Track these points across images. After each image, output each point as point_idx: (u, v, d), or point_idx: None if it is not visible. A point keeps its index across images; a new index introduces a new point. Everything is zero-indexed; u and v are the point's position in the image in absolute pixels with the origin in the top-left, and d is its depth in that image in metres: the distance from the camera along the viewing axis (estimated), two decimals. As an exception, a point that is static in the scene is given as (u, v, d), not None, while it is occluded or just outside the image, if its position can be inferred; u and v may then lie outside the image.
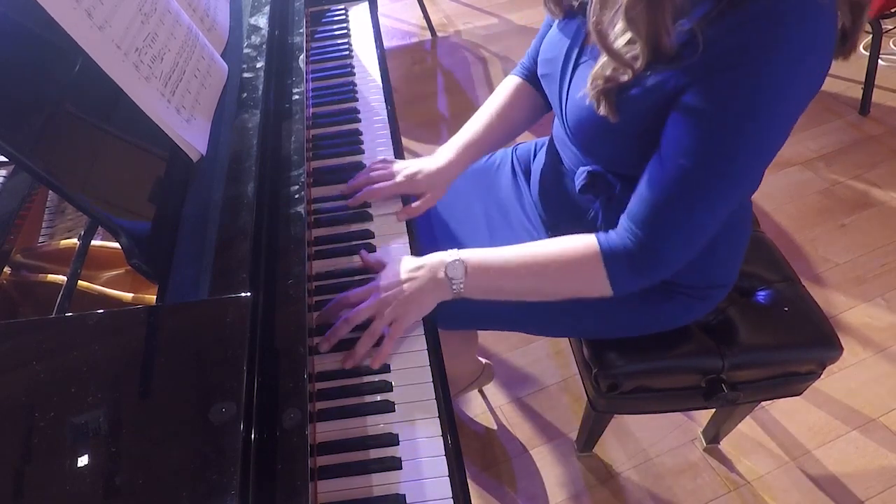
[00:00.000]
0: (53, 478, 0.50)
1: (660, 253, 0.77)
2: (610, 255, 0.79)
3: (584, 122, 0.83)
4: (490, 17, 2.87)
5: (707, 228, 0.77)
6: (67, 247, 0.83)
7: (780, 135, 0.72)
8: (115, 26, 0.71)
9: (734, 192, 0.74)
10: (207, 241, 0.70)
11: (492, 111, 1.04)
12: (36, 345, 0.59)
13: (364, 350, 0.77)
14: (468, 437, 1.47)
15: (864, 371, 1.54)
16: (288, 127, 0.93)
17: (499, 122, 1.04)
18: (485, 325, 1.07)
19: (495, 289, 0.84)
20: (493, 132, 1.04)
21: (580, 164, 0.90)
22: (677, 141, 0.72)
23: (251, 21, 1.03)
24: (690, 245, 0.78)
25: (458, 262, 0.82)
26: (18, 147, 0.57)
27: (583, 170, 0.89)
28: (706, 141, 0.70)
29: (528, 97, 1.05)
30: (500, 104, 1.04)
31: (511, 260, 0.83)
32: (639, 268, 0.79)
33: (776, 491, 1.35)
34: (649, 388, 1.05)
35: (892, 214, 1.90)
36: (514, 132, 1.07)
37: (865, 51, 2.24)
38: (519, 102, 1.05)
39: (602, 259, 0.79)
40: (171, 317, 0.62)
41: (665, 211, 0.75)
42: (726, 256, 0.96)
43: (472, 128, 1.03)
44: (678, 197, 0.73)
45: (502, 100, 1.05)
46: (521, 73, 1.06)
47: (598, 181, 0.89)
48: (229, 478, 0.49)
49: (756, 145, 0.70)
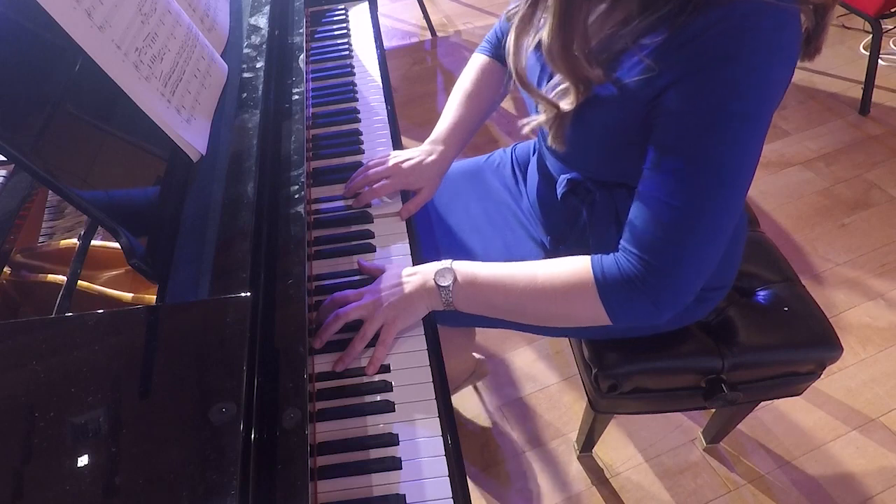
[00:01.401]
0: (53, 478, 0.50)
1: (669, 275, 0.72)
2: (603, 281, 0.75)
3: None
4: (490, 17, 2.87)
5: (713, 246, 0.73)
6: (67, 247, 0.83)
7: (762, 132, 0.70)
8: (115, 26, 0.71)
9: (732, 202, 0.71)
10: (207, 241, 0.70)
11: (466, 93, 1.05)
12: (36, 345, 0.59)
13: (354, 353, 0.77)
14: (468, 437, 1.47)
15: (864, 371, 1.54)
16: (288, 127, 0.93)
17: (474, 102, 1.05)
18: (485, 323, 1.06)
19: (486, 304, 0.82)
20: (470, 114, 1.04)
21: (561, 172, 0.91)
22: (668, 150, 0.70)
23: (251, 21, 1.03)
24: (701, 263, 0.73)
25: (448, 269, 0.81)
26: (18, 147, 0.57)
27: (563, 178, 0.90)
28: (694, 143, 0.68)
29: (496, 73, 1.06)
30: (472, 85, 1.06)
31: (503, 275, 0.80)
32: (646, 295, 0.73)
33: (776, 491, 1.35)
34: (649, 388, 1.05)
35: (892, 214, 1.90)
36: (489, 110, 1.09)
37: (865, 51, 2.24)
38: (488, 80, 1.06)
39: (594, 284, 0.75)
40: (171, 317, 0.62)
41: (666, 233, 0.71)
42: (723, 259, 0.95)
43: (451, 113, 1.04)
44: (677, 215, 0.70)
45: (474, 81, 1.06)
46: (487, 51, 1.07)
47: (578, 188, 0.89)
48: (229, 478, 0.49)
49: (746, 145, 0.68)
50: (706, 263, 0.73)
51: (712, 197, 0.69)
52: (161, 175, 0.74)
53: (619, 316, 0.76)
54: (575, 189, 0.89)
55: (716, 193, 0.69)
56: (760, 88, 0.66)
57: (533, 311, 0.81)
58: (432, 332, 0.81)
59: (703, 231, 0.71)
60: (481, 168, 1.18)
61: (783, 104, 2.29)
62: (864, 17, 2.15)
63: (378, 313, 0.78)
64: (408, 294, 0.80)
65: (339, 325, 0.78)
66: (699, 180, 0.69)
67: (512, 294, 0.80)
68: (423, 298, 0.81)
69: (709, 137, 0.67)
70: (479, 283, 0.81)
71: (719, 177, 0.68)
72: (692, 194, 0.69)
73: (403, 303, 0.80)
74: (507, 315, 0.83)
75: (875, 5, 2.03)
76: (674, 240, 0.71)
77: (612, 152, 0.79)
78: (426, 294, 0.81)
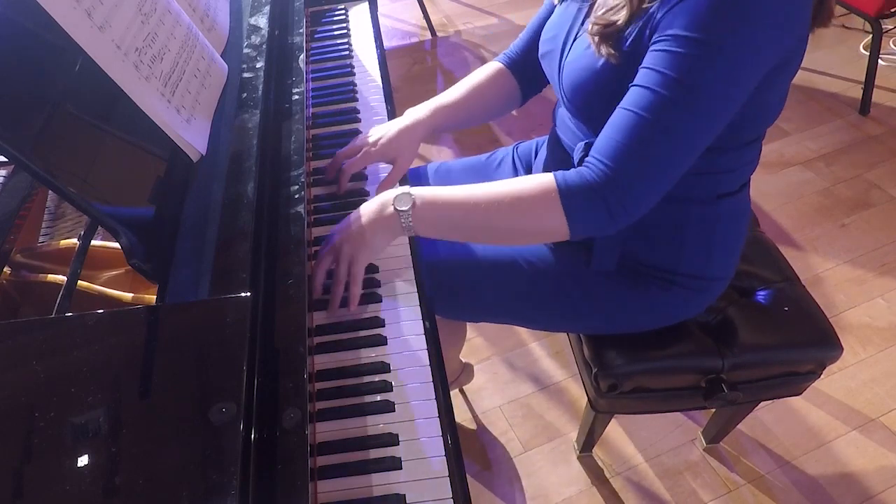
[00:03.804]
0: (53, 478, 0.50)
1: (625, 185, 0.75)
2: (566, 188, 0.77)
3: (579, 84, 0.84)
4: (490, 17, 2.87)
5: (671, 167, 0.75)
6: (67, 247, 0.83)
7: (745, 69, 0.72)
8: (115, 26, 0.71)
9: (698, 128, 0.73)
10: (207, 241, 0.70)
11: (469, 85, 1.05)
12: (36, 345, 0.59)
13: (336, 298, 0.81)
14: (468, 437, 1.47)
15: (864, 371, 1.54)
16: (288, 127, 0.93)
17: (474, 96, 1.05)
18: (483, 317, 1.07)
19: (446, 223, 0.83)
20: (466, 105, 1.04)
21: (579, 141, 0.91)
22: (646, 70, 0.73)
23: (251, 21, 1.03)
24: (656, 181, 0.75)
25: (406, 195, 0.82)
26: (18, 147, 0.57)
27: (580, 144, 0.90)
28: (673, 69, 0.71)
29: (507, 82, 1.07)
30: (478, 81, 1.06)
31: (463, 194, 0.82)
32: (603, 202, 0.76)
33: (776, 491, 1.35)
34: (649, 387, 1.05)
35: (892, 214, 1.90)
36: (486, 112, 1.08)
37: (865, 51, 2.24)
38: (497, 84, 1.06)
39: (558, 193, 0.77)
40: (171, 317, 0.62)
41: (630, 141, 0.73)
42: (723, 247, 0.95)
43: (447, 94, 1.04)
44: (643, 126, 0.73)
45: (482, 78, 1.06)
46: (504, 61, 1.08)
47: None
48: (229, 478, 0.49)
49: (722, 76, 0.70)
50: (662, 180, 0.76)
51: (681, 114, 0.72)
52: (161, 175, 0.74)
53: (577, 224, 0.78)
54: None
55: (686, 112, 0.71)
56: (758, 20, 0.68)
57: (496, 226, 0.82)
58: (432, 331, 0.81)
59: (665, 145, 0.73)
60: (483, 165, 1.18)
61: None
62: (864, 17, 2.15)
63: (343, 251, 0.81)
64: (364, 225, 0.82)
65: (322, 272, 0.82)
66: (672, 94, 0.71)
67: (474, 211, 0.81)
68: (381, 227, 0.82)
69: (693, 59, 0.70)
70: (439, 204, 0.82)
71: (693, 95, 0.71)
72: (662, 108, 0.72)
73: (361, 236, 0.82)
74: (469, 236, 0.86)
75: (875, 5, 2.03)
76: (635, 149, 0.74)
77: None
78: (384, 221, 0.82)
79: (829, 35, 2.62)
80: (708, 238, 0.92)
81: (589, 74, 0.82)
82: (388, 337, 0.80)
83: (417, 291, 0.85)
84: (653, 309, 0.98)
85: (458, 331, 1.28)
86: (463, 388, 1.53)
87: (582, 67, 0.83)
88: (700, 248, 0.92)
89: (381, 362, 0.77)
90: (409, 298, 0.84)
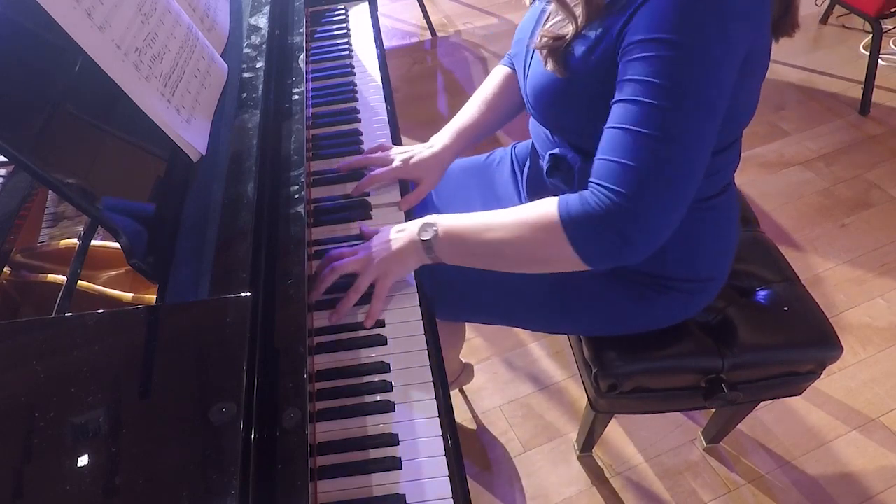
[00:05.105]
0: (53, 478, 0.50)
1: (642, 209, 0.70)
2: (568, 217, 0.74)
3: (539, 90, 0.85)
4: (490, 17, 2.87)
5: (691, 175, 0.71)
6: (67, 247, 0.83)
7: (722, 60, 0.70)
8: (115, 26, 0.71)
9: (701, 126, 0.70)
10: (207, 241, 0.70)
11: (482, 99, 1.08)
12: (36, 345, 0.59)
13: (349, 303, 0.81)
14: (468, 437, 1.47)
15: (864, 371, 1.54)
16: (288, 127, 0.93)
17: (489, 109, 1.07)
18: (482, 318, 1.07)
19: (468, 253, 0.84)
20: (484, 119, 1.07)
21: (547, 149, 0.93)
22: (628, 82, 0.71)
23: (251, 21, 1.03)
24: (678, 195, 0.71)
25: (430, 224, 0.83)
26: (18, 147, 0.57)
27: (548, 154, 0.92)
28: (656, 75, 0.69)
29: (516, 85, 1.08)
30: (489, 92, 1.08)
31: (480, 224, 0.82)
32: (614, 232, 0.72)
33: (776, 491, 1.35)
34: (649, 388, 1.05)
35: (892, 214, 1.90)
36: (503, 118, 1.10)
37: (865, 51, 2.24)
38: (507, 90, 1.08)
39: (560, 224, 0.74)
40: (171, 317, 0.62)
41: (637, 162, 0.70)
42: (710, 248, 0.95)
43: (464, 115, 1.07)
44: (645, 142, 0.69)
45: (492, 88, 1.08)
46: (509, 63, 1.10)
47: (561, 163, 0.91)
48: (229, 478, 0.49)
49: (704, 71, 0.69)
50: (675, 195, 0.71)
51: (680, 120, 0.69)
52: (161, 175, 0.74)
53: (589, 254, 0.75)
54: (558, 164, 0.91)
55: (684, 116, 0.69)
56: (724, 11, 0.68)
57: (510, 256, 0.82)
58: (432, 331, 0.81)
59: (679, 155, 0.70)
60: (482, 165, 1.19)
61: (782, 104, 2.29)
62: (864, 17, 2.15)
63: (371, 267, 0.82)
64: (398, 249, 0.83)
65: (335, 277, 0.82)
66: (663, 102, 0.69)
67: (489, 242, 0.81)
68: (411, 253, 0.84)
69: (672, 62, 0.69)
70: (458, 235, 0.83)
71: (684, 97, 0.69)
72: (659, 118, 0.69)
73: (394, 257, 0.83)
74: (490, 264, 0.85)
75: (875, 5, 2.03)
76: (645, 169, 0.70)
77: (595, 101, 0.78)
78: (414, 248, 0.83)
79: (829, 35, 2.62)
80: (690, 241, 0.91)
81: (547, 82, 0.83)
82: (388, 337, 0.80)
83: (417, 291, 0.85)
84: (649, 311, 0.98)
85: (457, 331, 1.28)
86: (463, 388, 1.54)
87: (540, 73, 0.84)
88: (683, 252, 0.92)
89: (381, 362, 0.77)
90: (409, 298, 0.84)
